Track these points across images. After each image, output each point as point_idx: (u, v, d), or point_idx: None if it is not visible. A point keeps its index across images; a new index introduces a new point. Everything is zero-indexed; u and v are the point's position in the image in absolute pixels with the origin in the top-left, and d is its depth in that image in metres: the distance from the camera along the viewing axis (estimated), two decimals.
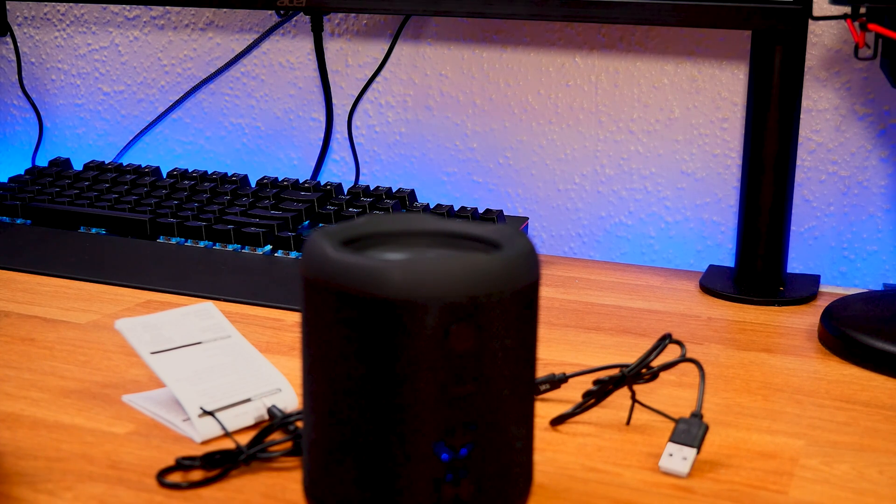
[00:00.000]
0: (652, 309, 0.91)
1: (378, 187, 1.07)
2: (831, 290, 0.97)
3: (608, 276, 1.01)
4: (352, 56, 1.19)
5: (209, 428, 0.63)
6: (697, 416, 0.61)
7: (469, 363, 0.49)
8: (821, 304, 0.92)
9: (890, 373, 0.76)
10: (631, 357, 0.78)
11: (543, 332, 0.84)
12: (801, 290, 0.95)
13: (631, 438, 0.65)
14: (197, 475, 0.58)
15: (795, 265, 1.05)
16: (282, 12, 1.16)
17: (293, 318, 0.86)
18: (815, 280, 0.98)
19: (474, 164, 1.16)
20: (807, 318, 0.89)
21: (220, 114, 1.27)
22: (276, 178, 1.11)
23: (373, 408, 0.50)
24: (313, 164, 1.23)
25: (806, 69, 1.01)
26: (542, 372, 0.70)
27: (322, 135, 1.22)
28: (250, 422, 0.65)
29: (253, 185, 1.14)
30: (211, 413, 0.63)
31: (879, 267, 1.03)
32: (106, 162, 1.19)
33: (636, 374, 0.64)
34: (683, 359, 0.63)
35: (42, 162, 1.35)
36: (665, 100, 1.07)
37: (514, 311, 0.50)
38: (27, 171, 1.20)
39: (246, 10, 1.19)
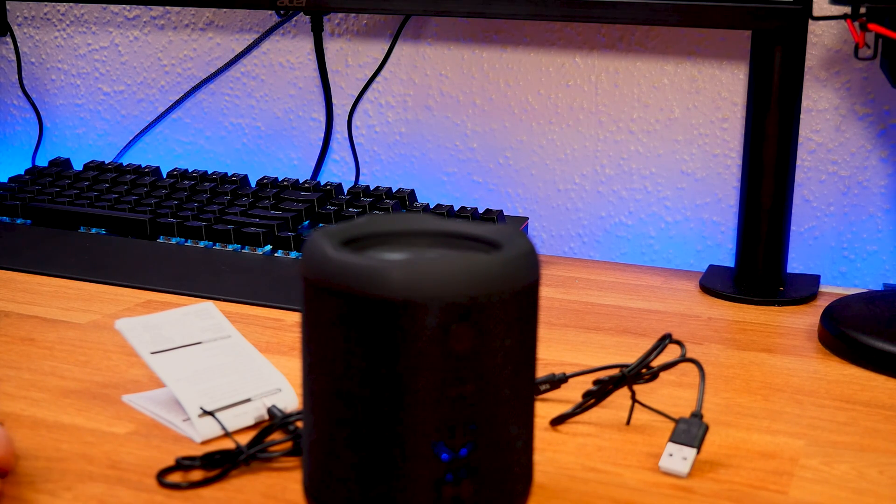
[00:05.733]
0: (652, 309, 0.91)
1: (378, 187, 1.07)
2: (831, 290, 0.97)
3: (608, 276, 1.01)
4: (352, 56, 1.19)
5: (209, 428, 0.63)
6: (697, 416, 0.61)
7: (469, 363, 0.49)
8: (821, 304, 0.92)
9: (890, 373, 0.76)
10: (631, 357, 0.78)
11: (543, 332, 0.84)
12: (801, 290, 0.95)
13: (631, 438, 0.65)
14: (197, 475, 0.58)
15: (795, 265, 1.05)
16: (282, 12, 1.16)
17: (293, 318, 0.86)
18: (815, 280, 0.98)
19: (474, 164, 1.16)
20: (807, 318, 0.89)
21: (220, 114, 1.27)
22: (276, 178, 1.11)
23: (373, 408, 0.50)
24: (313, 164, 1.23)
25: (806, 69, 1.01)
26: (542, 372, 0.70)
27: (322, 135, 1.22)
28: (250, 422, 0.65)
29: (253, 185, 1.14)
30: (211, 413, 0.63)
31: (879, 267, 1.03)
32: (106, 162, 1.19)
33: (636, 374, 0.64)
34: (683, 359, 0.63)
35: (42, 162, 1.35)
36: (665, 100, 1.07)
37: (514, 311, 0.50)
38: (27, 171, 1.20)
39: (246, 10, 1.19)
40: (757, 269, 0.96)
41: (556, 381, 0.70)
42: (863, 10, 0.83)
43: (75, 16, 1.32)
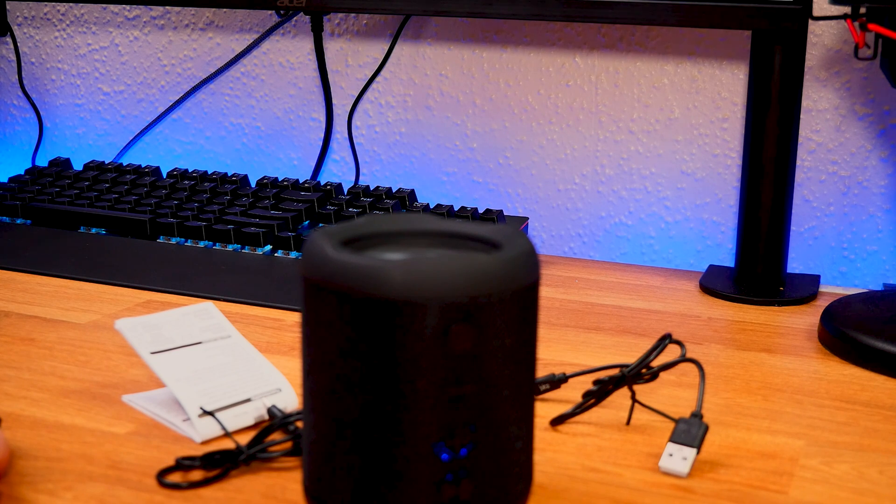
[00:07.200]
0: (652, 309, 0.91)
1: (378, 187, 1.07)
2: (831, 290, 0.97)
3: (608, 276, 1.01)
4: (352, 56, 1.19)
5: (209, 428, 0.63)
6: (697, 416, 0.61)
7: (469, 363, 0.49)
8: (821, 304, 0.92)
9: (890, 373, 0.76)
10: (631, 357, 0.78)
11: (543, 332, 0.84)
12: (801, 290, 0.95)
13: (631, 438, 0.65)
14: (197, 475, 0.58)
15: (795, 265, 1.05)
16: (282, 12, 1.16)
17: (293, 318, 0.86)
18: (815, 280, 0.98)
19: (474, 164, 1.16)
20: (807, 318, 0.89)
21: (220, 114, 1.27)
22: (276, 178, 1.11)
23: (373, 408, 0.50)
24: (313, 164, 1.23)
25: (806, 69, 1.01)
26: (542, 372, 0.70)
27: (322, 135, 1.22)
28: (250, 422, 0.65)
29: (253, 185, 1.14)
30: (211, 413, 0.63)
31: (879, 267, 1.03)
32: (106, 162, 1.19)
33: (636, 374, 0.64)
34: (683, 359, 0.63)
35: (42, 162, 1.35)
36: (665, 100, 1.07)
37: (514, 311, 0.50)
38: (27, 171, 1.20)
39: (246, 10, 1.19)
40: (757, 269, 0.96)
41: (556, 381, 0.70)
42: (863, 10, 0.83)
43: (75, 16, 1.32)
